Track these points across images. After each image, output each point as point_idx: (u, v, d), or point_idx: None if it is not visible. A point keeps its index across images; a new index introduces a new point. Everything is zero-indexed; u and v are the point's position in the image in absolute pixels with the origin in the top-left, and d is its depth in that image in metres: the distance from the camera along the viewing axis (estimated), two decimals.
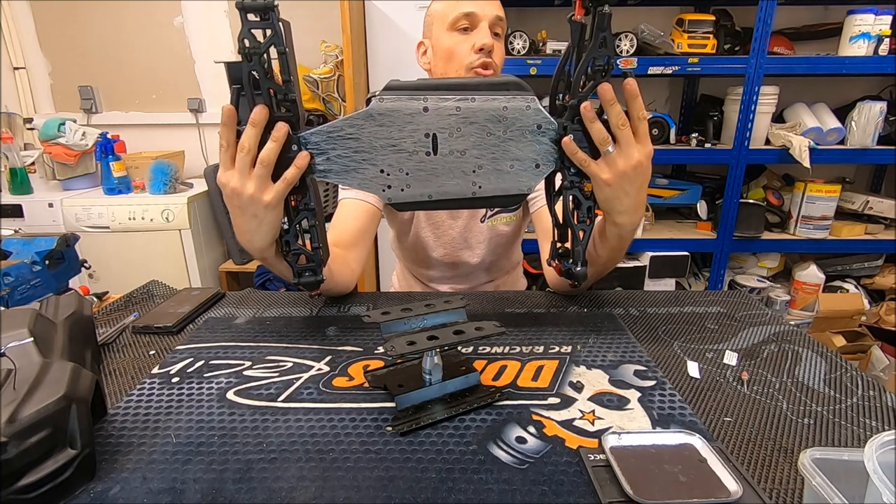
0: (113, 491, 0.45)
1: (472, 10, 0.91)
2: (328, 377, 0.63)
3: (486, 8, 0.92)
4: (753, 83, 1.82)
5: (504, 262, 1.14)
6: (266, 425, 0.53)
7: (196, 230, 2.03)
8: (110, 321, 0.81)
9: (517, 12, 2.10)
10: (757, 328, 0.77)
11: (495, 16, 0.92)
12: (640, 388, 0.60)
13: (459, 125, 0.60)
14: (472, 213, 1.05)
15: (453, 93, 0.59)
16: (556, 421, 0.54)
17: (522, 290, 1.22)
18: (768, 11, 1.74)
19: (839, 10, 2.00)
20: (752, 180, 2.16)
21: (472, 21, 0.91)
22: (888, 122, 1.92)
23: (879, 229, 2.06)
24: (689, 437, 0.49)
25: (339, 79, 2.06)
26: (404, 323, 0.60)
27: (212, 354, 0.69)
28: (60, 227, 1.98)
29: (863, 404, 0.58)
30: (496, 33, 0.93)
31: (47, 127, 1.98)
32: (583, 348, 0.70)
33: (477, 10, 0.91)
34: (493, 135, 0.62)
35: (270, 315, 0.82)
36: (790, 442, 0.51)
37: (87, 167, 2.13)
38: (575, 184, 0.67)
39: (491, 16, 0.92)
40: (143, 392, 0.60)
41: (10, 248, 0.89)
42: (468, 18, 0.91)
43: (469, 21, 0.92)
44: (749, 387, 0.61)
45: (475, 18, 0.91)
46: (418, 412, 0.54)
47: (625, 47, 1.83)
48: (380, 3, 1.97)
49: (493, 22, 0.92)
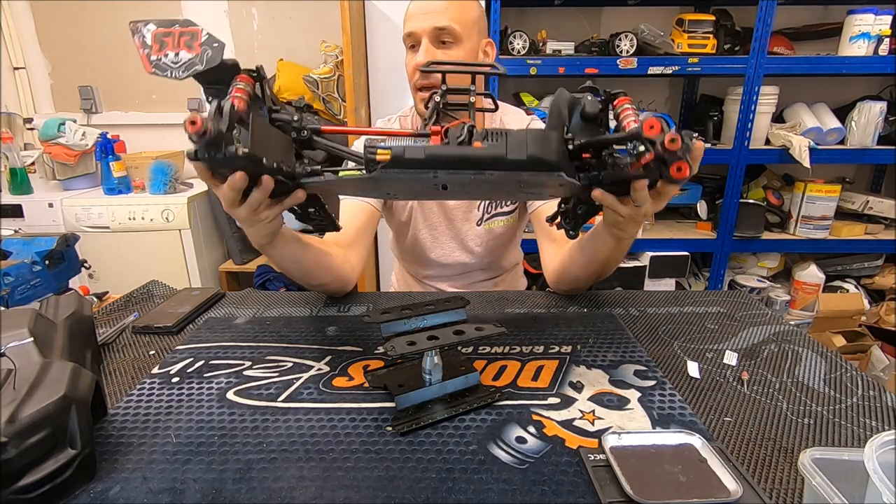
0: (113, 491, 0.45)
1: (411, 29, 0.90)
2: (328, 377, 0.63)
3: (423, 22, 0.88)
4: (753, 83, 1.82)
5: (502, 261, 1.14)
6: (266, 425, 0.53)
7: (196, 230, 2.03)
8: (110, 321, 0.81)
9: (517, 12, 2.10)
10: (757, 328, 0.77)
11: (432, 28, 0.88)
12: (640, 388, 0.60)
13: (475, 183, 0.56)
14: (469, 216, 1.05)
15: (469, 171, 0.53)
16: (556, 421, 0.54)
17: (522, 290, 1.22)
18: (768, 11, 1.74)
19: (839, 10, 1.99)
20: (752, 180, 2.16)
21: (415, 39, 0.90)
22: (888, 122, 1.92)
23: (879, 229, 2.06)
24: (689, 437, 0.49)
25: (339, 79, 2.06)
26: (404, 323, 0.60)
27: (212, 354, 0.69)
28: (60, 227, 1.98)
29: (863, 404, 0.58)
30: (444, 41, 0.90)
31: (47, 127, 1.98)
32: (583, 348, 0.70)
33: (415, 28, 0.89)
34: (508, 187, 0.60)
35: (270, 315, 0.82)
36: (790, 442, 0.51)
37: (87, 167, 2.12)
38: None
39: (428, 29, 0.88)
40: (143, 392, 0.60)
41: (10, 248, 0.88)
42: (411, 37, 0.91)
43: (412, 40, 0.91)
44: (749, 387, 0.61)
45: (415, 36, 0.90)
46: (418, 412, 0.54)
47: (625, 47, 1.83)
48: (380, 3, 1.97)
49: (433, 35, 0.89)
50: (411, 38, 0.91)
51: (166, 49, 0.51)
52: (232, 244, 2.13)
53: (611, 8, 2.13)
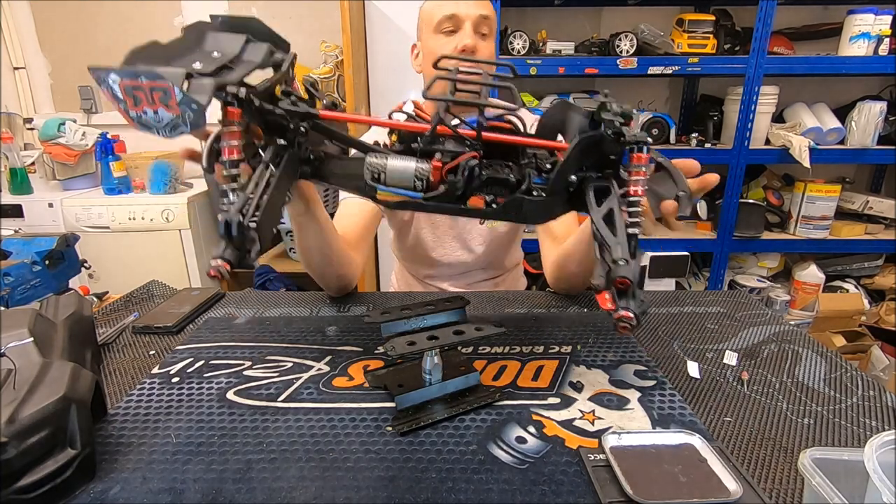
0: (113, 491, 0.45)
1: (454, 11, 0.90)
2: (328, 377, 0.63)
3: (469, 8, 0.90)
4: (753, 83, 1.82)
5: (503, 260, 1.14)
6: (266, 425, 0.53)
7: (196, 230, 2.03)
8: (110, 321, 0.81)
9: (517, 12, 2.10)
10: (757, 328, 0.77)
11: (479, 15, 0.90)
12: (640, 388, 0.60)
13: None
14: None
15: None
16: (556, 421, 0.54)
17: (522, 290, 1.22)
18: (768, 11, 1.74)
19: (839, 10, 1.99)
20: (752, 180, 2.16)
21: (456, 23, 0.90)
22: (888, 122, 1.92)
23: (879, 229, 2.06)
24: (689, 437, 0.49)
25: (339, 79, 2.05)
26: (404, 323, 0.60)
27: (212, 354, 0.69)
28: (60, 227, 1.98)
29: (863, 404, 0.58)
30: (482, 33, 0.92)
31: (47, 127, 1.98)
32: (583, 348, 0.70)
33: (459, 12, 0.90)
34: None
35: (270, 315, 0.82)
36: (790, 442, 0.51)
37: (87, 167, 2.12)
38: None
39: (474, 16, 0.90)
40: (143, 392, 0.60)
41: (10, 248, 0.88)
42: (451, 21, 0.90)
43: (452, 23, 0.91)
44: (749, 387, 0.61)
45: (458, 20, 0.90)
46: (418, 412, 0.54)
47: (625, 47, 1.83)
48: (380, 3, 1.97)
49: (476, 22, 0.91)
50: (452, 22, 0.90)
51: (143, 105, 0.46)
52: None
53: (611, 8, 2.13)
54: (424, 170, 0.52)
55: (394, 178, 0.53)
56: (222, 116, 0.49)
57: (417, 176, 0.52)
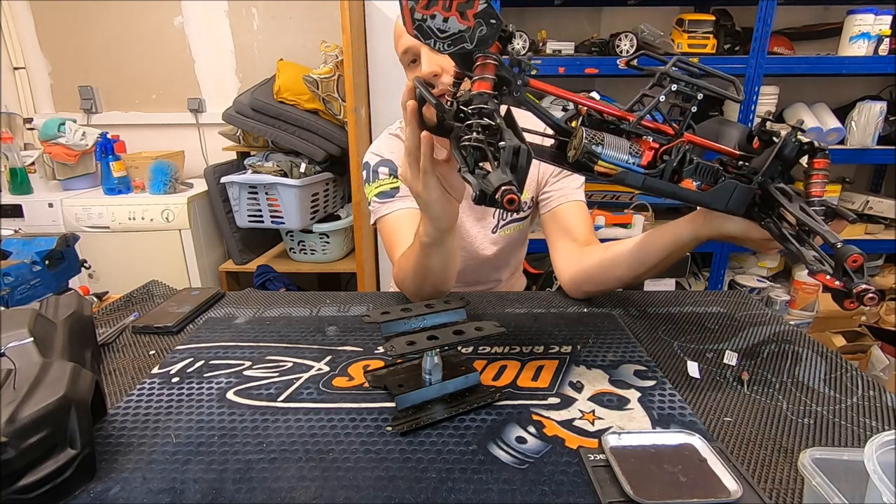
0: (113, 491, 0.45)
1: (409, 44, 0.87)
2: (328, 377, 0.63)
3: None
4: (753, 83, 1.82)
5: (513, 260, 1.13)
6: (266, 425, 0.53)
7: (196, 230, 2.03)
8: (110, 321, 0.81)
9: (517, 12, 2.10)
10: (757, 328, 0.77)
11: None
12: (640, 388, 0.60)
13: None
14: (483, 223, 1.02)
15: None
16: (556, 421, 0.54)
17: (522, 290, 1.22)
18: (768, 11, 1.74)
19: (839, 10, 1.99)
20: None
21: (415, 54, 0.88)
22: (888, 122, 1.92)
23: (879, 229, 2.06)
24: (689, 437, 0.49)
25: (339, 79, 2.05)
26: (404, 323, 0.60)
27: (212, 354, 0.69)
28: (60, 227, 1.98)
29: (863, 404, 0.58)
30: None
31: (47, 127, 1.97)
32: (583, 348, 0.70)
33: (412, 45, 0.87)
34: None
35: (270, 315, 0.82)
36: (790, 442, 0.51)
37: (87, 167, 2.12)
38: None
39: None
40: (143, 392, 0.60)
41: (10, 248, 0.88)
42: (408, 54, 0.88)
43: (411, 55, 0.88)
44: (749, 387, 0.61)
45: (415, 52, 0.87)
46: (418, 412, 0.54)
47: (625, 47, 1.83)
48: (380, 3, 1.97)
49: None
50: (409, 54, 0.89)
51: (434, 8, 0.42)
52: (232, 244, 2.13)
53: (611, 8, 2.13)
54: (636, 147, 0.57)
55: (611, 145, 0.55)
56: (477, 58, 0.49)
57: (632, 151, 0.56)
